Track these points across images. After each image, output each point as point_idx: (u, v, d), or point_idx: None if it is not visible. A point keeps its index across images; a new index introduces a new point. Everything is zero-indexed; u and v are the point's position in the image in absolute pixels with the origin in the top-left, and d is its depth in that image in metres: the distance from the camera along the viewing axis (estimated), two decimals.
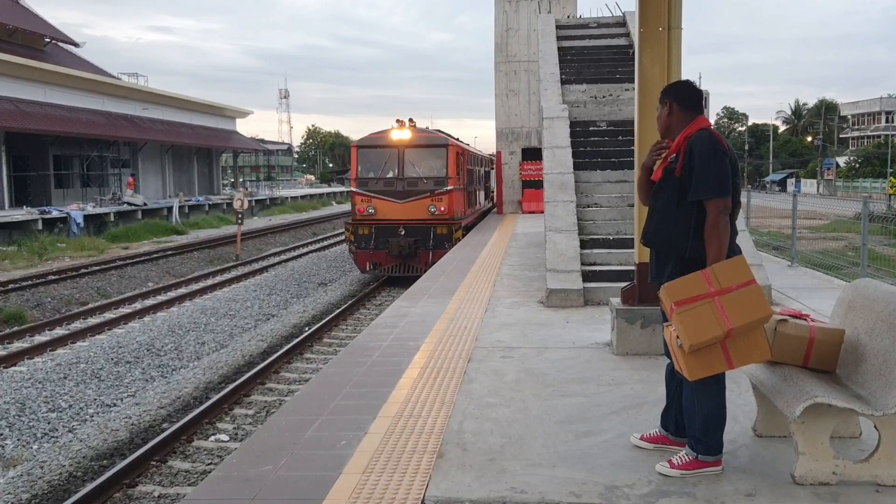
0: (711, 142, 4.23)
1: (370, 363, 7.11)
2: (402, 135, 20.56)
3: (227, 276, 22.62)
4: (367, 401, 5.90)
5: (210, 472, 6.57)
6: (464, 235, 20.68)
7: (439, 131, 24.35)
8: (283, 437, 5.12)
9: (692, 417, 4.32)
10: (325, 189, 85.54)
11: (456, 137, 26.77)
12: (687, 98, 4.49)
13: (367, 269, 20.26)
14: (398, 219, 20.08)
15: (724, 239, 4.12)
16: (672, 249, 4.34)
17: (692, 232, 4.22)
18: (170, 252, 27.59)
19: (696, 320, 3.94)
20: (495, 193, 35.86)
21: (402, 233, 19.84)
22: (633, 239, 8.43)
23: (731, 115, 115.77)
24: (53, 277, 20.98)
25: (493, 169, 37.18)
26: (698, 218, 4.20)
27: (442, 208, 20.10)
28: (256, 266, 24.69)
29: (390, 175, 20.54)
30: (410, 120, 21.27)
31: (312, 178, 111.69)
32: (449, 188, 20.28)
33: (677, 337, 4.04)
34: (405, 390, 6.15)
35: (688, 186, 4.22)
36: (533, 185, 28.21)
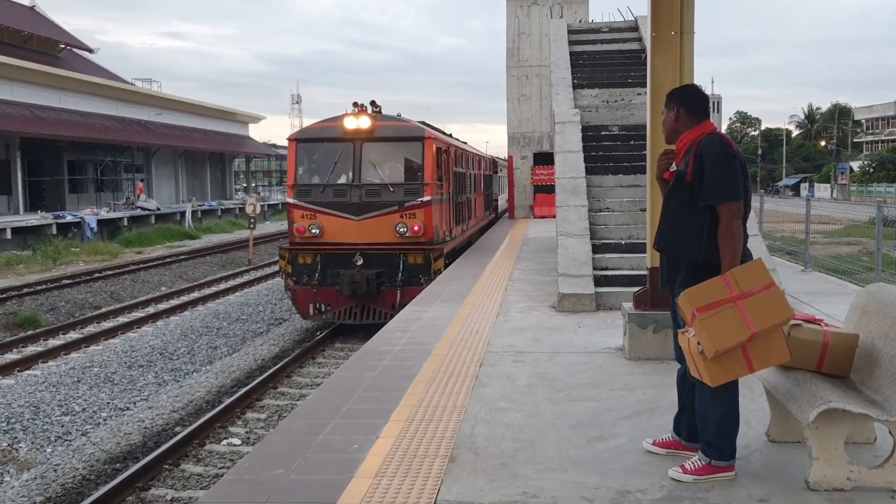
0: (722, 145, 4.21)
1: (382, 367, 7.12)
2: (359, 123, 14.69)
3: (239, 280, 22.73)
4: (379, 405, 5.90)
5: (222, 475, 6.58)
6: (447, 265, 15.14)
7: (425, 124, 17.81)
8: (295, 441, 5.13)
9: (705, 422, 4.30)
10: None
11: (449, 133, 21.69)
12: (693, 102, 4.49)
13: (311, 313, 14.50)
14: (353, 243, 14.36)
15: (738, 242, 4.11)
16: (685, 254, 4.32)
17: (705, 236, 4.20)
18: (183, 256, 27.73)
19: (719, 326, 3.91)
20: (504, 201, 33.00)
21: (360, 262, 14.10)
22: (645, 243, 8.41)
23: (744, 119, 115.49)
24: (67, 282, 21.12)
25: (496, 173, 32.07)
26: (711, 222, 4.18)
27: (415, 227, 14.38)
28: (269, 270, 24.76)
29: (343, 181, 14.87)
30: (373, 103, 15.37)
31: None
32: (426, 199, 14.61)
33: (698, 343, 4.01)
34: (417, 394, 6.15)
35: (699, 191, 4.21)
36: (545, 189, 28.15)
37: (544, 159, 28.81)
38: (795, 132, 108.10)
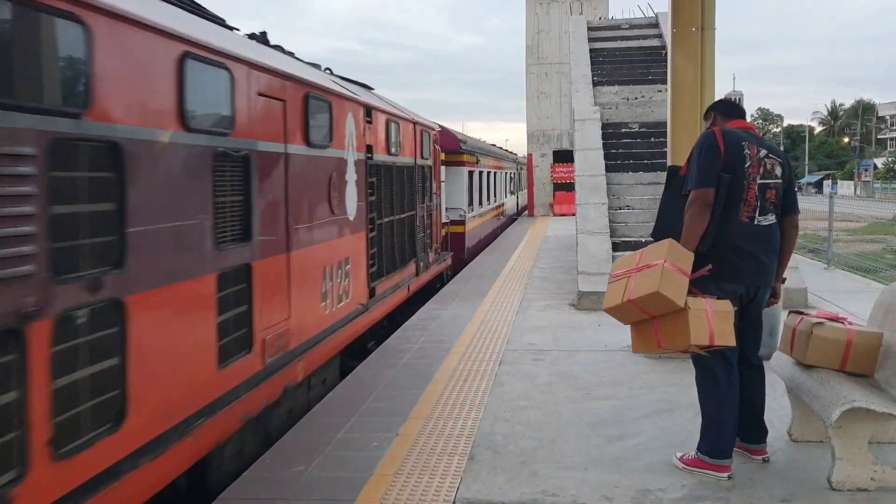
0: (706, 138, 4.31)
1: (401, 365, 7.12)
2: None
3: None
4: (398, 403, 5.91)
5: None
6: None
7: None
8: (315, 439, 5.15)
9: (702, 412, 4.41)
10: None
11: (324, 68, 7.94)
12: (725, 105, 4.71)
13: None
14: None
15: (691, 227, 4.17)
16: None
17: (682, 224, 4.29)
18: None
19: (611, 291, 4.22)
20: (499, 213, 23.23)
21: None
22: None
23: (766, 116, 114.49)
24: None
25: (462, 165, 16.97)
26: None
27: None
28: None
29: None
30: None
31: None
32: None
33: None
34: (436, 392, 6.15)
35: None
36: (564, 187, 28.08)
37: (564, 157, 28.74)
38: (818, 129, 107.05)
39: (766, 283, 4.38)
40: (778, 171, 4.33)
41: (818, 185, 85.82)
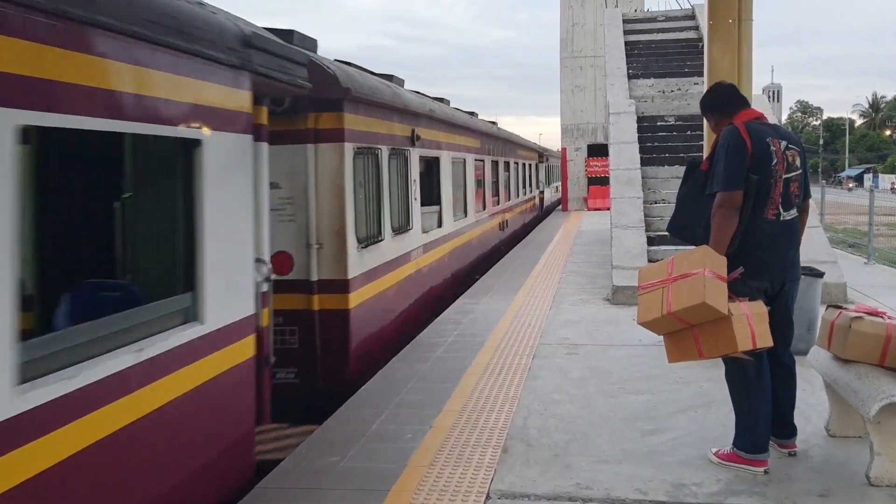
0: (730, 136, 4.21)
1: (434, 359, 7.15)
2: None
3: None
4: (432, 396, 5.94)
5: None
6: None
7: None
8: (350, 430, 5.20)
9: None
10: None
11: None
12: (718, 103, 4.59)
13: None
14: None
15: (720, 231, 4.09)
16: (687, 239, 4.47)
17: (705, 224, 4.23)
18: None
19: (646, 303, 4.12)
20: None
21: None
22: None
23: (805, 109, 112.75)
24: None
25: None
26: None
27: None
28: None
29: None
30: None
31: None
32: None
33: None
34: (469, 385, 6.17)
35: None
36: (598, 181, 27.89)
37: (598, 151, 28.52)
38: (859, 122, 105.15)
39: (793, 276, 4.36)
40: (798, 161, 4.29)
41: (859, 179, 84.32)
